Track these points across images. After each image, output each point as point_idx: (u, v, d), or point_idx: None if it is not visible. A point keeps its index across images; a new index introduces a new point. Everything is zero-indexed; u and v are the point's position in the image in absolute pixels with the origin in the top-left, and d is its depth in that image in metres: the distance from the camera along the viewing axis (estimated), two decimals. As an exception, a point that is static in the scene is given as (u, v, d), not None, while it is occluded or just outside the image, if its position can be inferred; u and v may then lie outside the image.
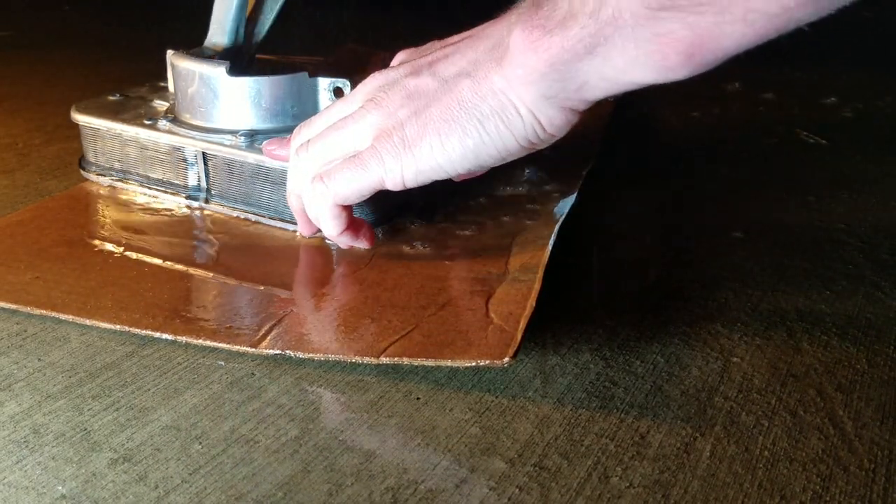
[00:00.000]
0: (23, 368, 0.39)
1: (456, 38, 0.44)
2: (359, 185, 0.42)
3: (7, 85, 0.85)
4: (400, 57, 0.46)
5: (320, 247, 0.50)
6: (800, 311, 0.45)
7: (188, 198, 0.55)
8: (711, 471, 0.33)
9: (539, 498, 0.32)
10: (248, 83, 0.52)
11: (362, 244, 0.47)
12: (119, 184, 0.57)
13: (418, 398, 0.38)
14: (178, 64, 0.53)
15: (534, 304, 0.40)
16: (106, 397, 0.37)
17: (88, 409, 0.37)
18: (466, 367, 0.39)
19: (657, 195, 0.60)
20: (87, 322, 0.42)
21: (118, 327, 0.41)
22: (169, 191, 0.56)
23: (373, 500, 0.32)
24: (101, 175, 0.58)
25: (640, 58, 0.34)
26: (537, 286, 0.42)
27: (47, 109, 0.76)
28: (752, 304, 0.45)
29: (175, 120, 0.55)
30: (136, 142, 0.56)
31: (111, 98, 0.60)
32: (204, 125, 0.53)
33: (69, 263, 0.47)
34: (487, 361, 0.37)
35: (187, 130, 0.53)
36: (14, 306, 0.43)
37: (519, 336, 0.38)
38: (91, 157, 0.58)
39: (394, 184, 0.42)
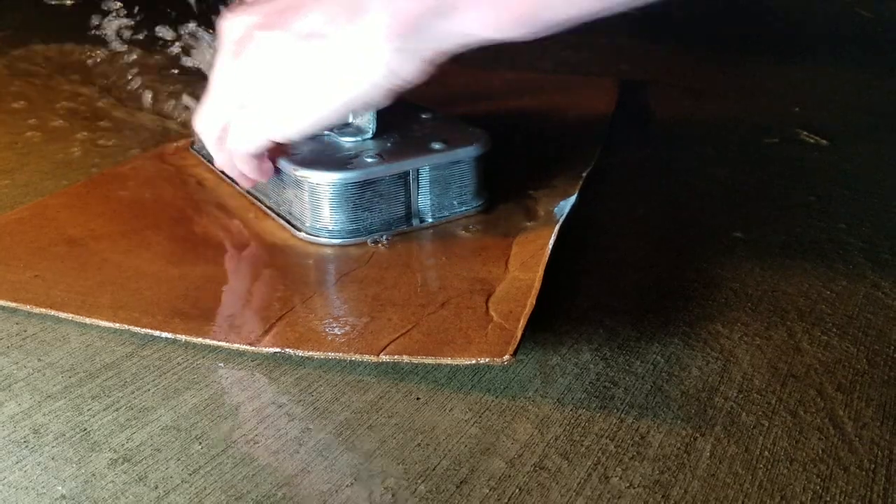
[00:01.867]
0: (22, 368, 0.39)
1: None
2: (252, 146, 0.46)
3: (6, 84, 0.85)
4: None
5: (320, 245, 0.50)
6: (800, 311, 0.45)
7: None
8: (712, 471, 0.33)
9: (539, 498, 0.32)
10: None
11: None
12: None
13: (418, 398, 0.38)
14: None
15: (534, 302, 0.40)
16: (106, 397, 0.37)
17: (88, 410, 0.37)
18: (466, 366, 0.39)
19: (657, 195, 0.60)
20: (87, 320, 0.42)
21: (117, 325, 0.41)
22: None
23: (373, 500, 0.32)
24: None
25: (485, 19, 0.38)
26: (538, 284, 0.42)
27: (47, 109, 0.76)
28: (752, 304, 0.45)
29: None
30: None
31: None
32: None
33: (68, 262, 0.47)
34: (487, 359, 0.37)
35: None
36: (13, 304, 0.43)
37: (519, 334, 0.38)
38: None
39: (283, 139, 0.45)
